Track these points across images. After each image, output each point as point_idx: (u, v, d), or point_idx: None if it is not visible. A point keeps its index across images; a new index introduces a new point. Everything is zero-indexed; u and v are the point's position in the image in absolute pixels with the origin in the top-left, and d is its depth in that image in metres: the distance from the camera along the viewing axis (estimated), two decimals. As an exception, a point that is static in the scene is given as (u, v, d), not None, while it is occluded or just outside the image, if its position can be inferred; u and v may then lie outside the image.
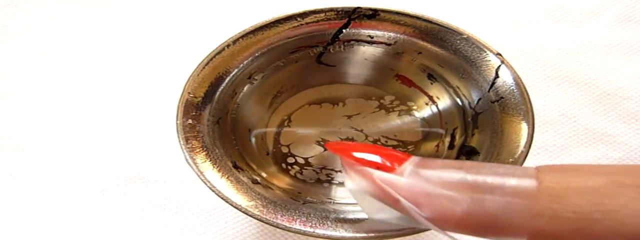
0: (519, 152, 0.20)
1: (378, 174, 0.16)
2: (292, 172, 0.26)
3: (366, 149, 0.17)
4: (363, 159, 0.17)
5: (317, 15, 0.23)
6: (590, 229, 0.13)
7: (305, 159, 0.26)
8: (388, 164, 0.16)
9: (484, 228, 0.14)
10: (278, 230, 0.28)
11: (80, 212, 0.29)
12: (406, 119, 0.27)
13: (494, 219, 0.14)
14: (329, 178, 0.26)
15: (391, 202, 0.16)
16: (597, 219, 0.13)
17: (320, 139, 0.27)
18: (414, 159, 0.16)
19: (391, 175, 0.16)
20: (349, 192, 0.17)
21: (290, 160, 0.26)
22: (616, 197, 0.13)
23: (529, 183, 0.14)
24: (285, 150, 0.27)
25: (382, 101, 0.28)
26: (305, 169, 0.26)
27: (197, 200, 0.29)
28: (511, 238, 0.14)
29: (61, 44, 0.34)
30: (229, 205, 0.19)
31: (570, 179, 0.14)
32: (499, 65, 0.22)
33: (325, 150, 0.27)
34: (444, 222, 0.15)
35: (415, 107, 0.27)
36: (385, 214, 0.17)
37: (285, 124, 0.27)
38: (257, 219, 0.19)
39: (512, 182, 0.14)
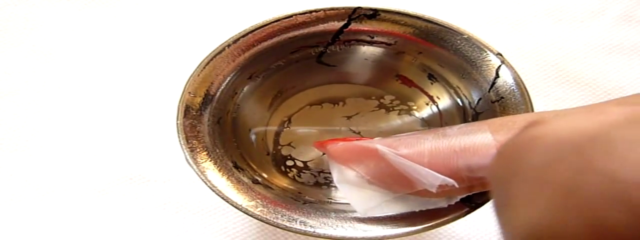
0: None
1: (356, 141, 0.19)
2: (290, 175, 0.26)
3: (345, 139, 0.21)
4: (343, 137, 0.21)
5: (318, 15, 0.23)
6: (546, 128, 0.13)
7: (304, 162, 0.26)
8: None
9: (455, 154, 0.16)
10: (278, 230, 0.28)
11: (80, 212, 0.29)
12: (406, 118, 0.27)
13: (459, 143, 0.16)
14: (327, 181, 0.26)
15: (370, 156, 0.18)
16: (546, 120, 0.14)
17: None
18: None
19: (366, 140, 0.19)
20: (337, 185, 0.20)
21: (289, 163, 0.26)
22: (551, 113, 0.15)
23: (476, 123, 0.17)
24: (284, 152, 0.27)
25: (382, 100, 0.28)
26: (304, 173, 0.26)
27: (197, 200, 0.29)
28: (485, 158, 0.16)
29: (61, 44, 0.34)
30: (230, 205, 0.19)
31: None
32: (500, 65, 0.22)
33: (324, 154, 0.27)
34: (419, 156, 0.17)
35: (415, 107, 0.27)
36: (373, 202, 0.19)
37: (285, 124, 0.27)
38: (258, 219, 0.19)
39: (460, 124, 0.18)
